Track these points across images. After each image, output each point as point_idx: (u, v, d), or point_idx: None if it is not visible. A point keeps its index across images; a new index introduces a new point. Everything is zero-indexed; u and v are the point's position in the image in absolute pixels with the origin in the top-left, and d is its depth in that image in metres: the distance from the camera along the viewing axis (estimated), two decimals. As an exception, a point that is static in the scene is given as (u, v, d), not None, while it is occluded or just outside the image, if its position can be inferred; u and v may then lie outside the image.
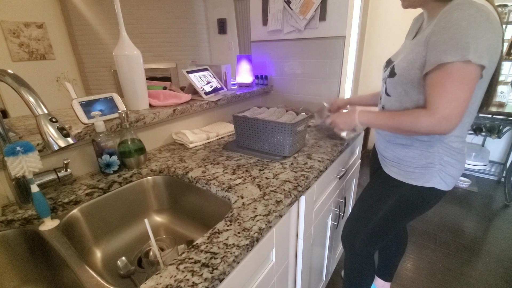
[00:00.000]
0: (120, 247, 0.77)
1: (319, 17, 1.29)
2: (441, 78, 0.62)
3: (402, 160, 0.82)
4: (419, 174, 0.79)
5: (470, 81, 0.60)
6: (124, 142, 0.82)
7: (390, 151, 0.85)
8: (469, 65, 0.59)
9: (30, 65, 2.97)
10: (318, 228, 0.97)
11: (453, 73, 0.60)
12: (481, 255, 1.63)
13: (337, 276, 1.49)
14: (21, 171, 0.56)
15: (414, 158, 0.79)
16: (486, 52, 0.59)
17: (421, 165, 0.78)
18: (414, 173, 0.80)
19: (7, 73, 0.54)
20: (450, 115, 0.62)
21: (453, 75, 0.61)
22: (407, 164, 0.81)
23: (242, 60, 1.50)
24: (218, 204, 0.75)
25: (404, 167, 0.82)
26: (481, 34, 0.57)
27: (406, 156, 0.80)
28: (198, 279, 0.44)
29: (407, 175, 0.81)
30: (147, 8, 3.32)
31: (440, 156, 0.76)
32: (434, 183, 0.78)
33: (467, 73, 0.60)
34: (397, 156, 0.83)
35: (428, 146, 0.76)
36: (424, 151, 0.77)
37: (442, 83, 0.62)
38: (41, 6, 2.96)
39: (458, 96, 0.61)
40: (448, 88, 0.61)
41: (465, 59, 0.58)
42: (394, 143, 0.83)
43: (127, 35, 0.94)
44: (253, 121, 0.91)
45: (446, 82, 0.61)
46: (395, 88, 0.77)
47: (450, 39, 0.59)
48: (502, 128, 2.23)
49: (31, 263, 0.65)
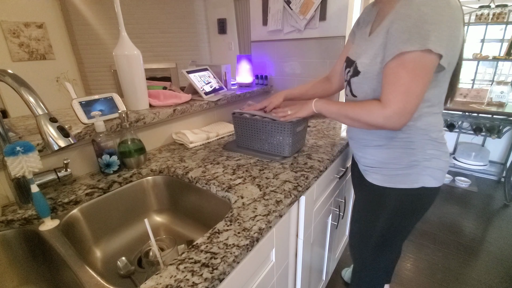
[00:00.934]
0: (120, 247, 0.77)
1: (319, 17, 1.29)
2: (397, 69, 0.59)
3: (384, 163, 0.77)
4: (405, 175, 0.74)
5: (426, 73, 0.57)
6: (124, 142, 0.82)
7: (370, 156, 0.80)
8: (428, 54, 0.56)
9: (30, 65, 2.97)
10: (318, 228, 0.97)
11: (410, 63, 0.57)
12: (480, 255, 1.63)
13: (337, 276, 1.49)
14: (21, 171, 0.56)
15: (396, 159, 0.74)
16: (448, 40, 0.56)
17: (404, 165, 0.74)
18: (398, 175, 0.75)
19: (7, 73, 0.54)
20: (402, 110, 0.59)
21: (409, 66, 0.57)
22: (390, 167, 0.76)
23: (242, 60, 1.50)
24: (218, 204, 0.75)
25: (387, 171, 0.77)
26: (444, 20, 0.55)
27: (387, 158, 0.76)
28: (198, 279, 0.44)
29: (392, 179, 0.76)
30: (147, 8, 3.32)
31: (423, 151, 0.72)
32: (423, 182, 0.74)
33: (425, 63, 0.57)
34: (378, 160, 0.78)
35: (408, 142, 0.72)
36: (406, 149, 0.73)
37: (397, 74, 0.59)
38: (41, 6, 2.96)
39: (413, 89, 0.58)
40: (403, 80, 0.58)
41: (425, 48, 0.55)
42: (372, 146, 0.78)
43: (127, 35, 0.94)
44: (252, 121, 0.91)
45: (402, 73, 0.58)
46: (361, 88, 0.73)
47: (411, 26, 0.56)
48: (502, 128, 2.23)
49: (31, 263, 0.65)
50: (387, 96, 0.61)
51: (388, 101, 0.61)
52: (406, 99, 0.59)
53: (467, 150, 2.58)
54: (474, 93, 2.34)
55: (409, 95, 0.58)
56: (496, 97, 2.28)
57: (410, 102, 0.59)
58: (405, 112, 0.60)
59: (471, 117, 2.36)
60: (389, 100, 0.60)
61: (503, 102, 2.23)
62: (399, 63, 0.59)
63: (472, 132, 2.42)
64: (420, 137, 0.71)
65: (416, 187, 0.75)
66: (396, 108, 0.60)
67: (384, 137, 0.75)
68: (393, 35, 0.60)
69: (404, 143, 0.73)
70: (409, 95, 0.58)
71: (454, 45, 0.60)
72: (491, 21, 2.37)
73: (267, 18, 1.45)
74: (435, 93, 0.68)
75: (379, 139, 0.76)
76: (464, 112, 2.32)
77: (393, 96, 0.60)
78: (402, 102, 0.59)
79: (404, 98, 0.59)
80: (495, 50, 2.50)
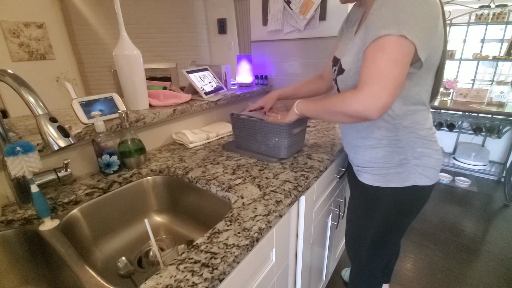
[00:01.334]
0: (120, 247, 0.77)
1: (319, 17, 1.29)
2: (373, 52, 0.57)
3: (374, 163, 0.77)
4: (395, 174, 0.75)
5: (403, 57, 0.56)
6: (124, 142, 0.82)
7: (361, 156, 0.80)
8: (404, 40, 0.55)
9: (30, 65, 2.97)
10: (318, 228, 0.97)
11: (387, 46, 0.56)
12: (481, 255, 1.63)
13: (337, 276, 1.49)
14: (21, 171, 0.56)
15: (386, 158, 0.74)
16: (423, 33, 0.56)
17: (395, 164, 0.74)
18: (389, 174, 0.75)
19: (7, 73, 0.54)
20: (377, 93, 0.56)
21: (386, 48, 0.56)
22: (380, 166, 0.76)
23: (242, 60, 1.50)
24: (218, 204, 0.75)
25: (378, 171, 0.77)
26: (419, 13, 0.55)
27: (376, 157, 0.76)
28: (198, 279, 0.44)
29: (382, 178, 0.76)
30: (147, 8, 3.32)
31: (412, 149, 0.72)
32: (414, 180, 0.74)
33: (401, 47, 0.55)
34: (368, 160, 0.78)
35: (395, 141, 0.72)
36: (394, 147, 0.73)
37: (374, 57, 0.57)
38: (41, 6, 2.96)
39: (388, 71, 0.55)
40: (379, 61, 0.56)
41: (401, 33, 0.54)
42: (362, 146, 0.78)
43: (127, 35, 0.94)
44: (249, 122, 0.91)
45: (378, 55, 0.56)
46: (346, 86, 0.73)
47: (387, 13, 0.56)
48: (502, 128, 2.23)
49: (31, 263, 0.65)
50: (362, 79, 0.59)
51: (362, 84, 0.58)
52: (382, 81, 0.56)
53: (467, 150, 2.58)
54: (474, 93, 2.34)
55: (384, 76, 0.56)
56: (496, 97, 2.28)
57: (386, 84, 0.55)
58: (381, 95, 0.56)
59: (471, 117, 2.36)
60: (363, 83, 0.58)
61: (503, 102, 2.23)
62: (375, 47, 0.57)
63: (472, 132, 2.42)
64: (408, 136, 0.71)
65: (407, 185, 0.75)
66: (370, 90, 0.57)
67: (373, 137, 0.75)
68: (371, 25, 0.59)
69: (392, 142, 0.73)
70: (384, 76, 0.56)
71: (430, 39, 0.59)
72: (491, 21, 2.37)
73: (267, 18, 1.45)
74: (419, 91, 0.69)
75: (368, 139, 0.76)
76: (464, 112, 2.32)
77: (367, 78, 0.57)
78: (377, 84, 0.56)
79: (379, 80, 0.56)
80: (495, 50, 2.50)
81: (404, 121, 0.71)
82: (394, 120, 0.71)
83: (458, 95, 2.40)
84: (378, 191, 0.79)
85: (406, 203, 0.79)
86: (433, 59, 0.65)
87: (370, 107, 0.57)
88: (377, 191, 0.79)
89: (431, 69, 0.67)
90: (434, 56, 0.64)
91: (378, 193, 0.79)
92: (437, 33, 0.61)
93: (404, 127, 0.71)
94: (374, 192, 0.80)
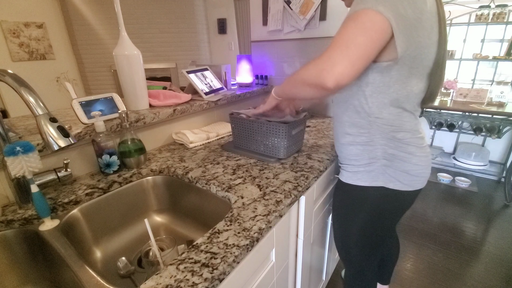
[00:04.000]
0: (120, 247, 0.77)
1: (319, 17, 1.29)
2: (346, 22, 0.57)
3: (349, 160, 0.78)
4: (365, 173, 0.75)
5: (374, 29, 0.54)
6: (124, 142, 0.82)
7: (340, 153, 0.82)
8: (377, 14, 0.54)
9: (30, 65, 2.97)
10: (318, 228, 0.97)
11: (359, 15, 0.55)
12: (481, 255, 1.63)
13: (337, 276, 1.49)
14: (21, 171, 0.56)
15: (358, 156, 0.75)
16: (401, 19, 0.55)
17: (365, 162, 0.74)
18: (359, 172, 0.76)
19: (7, 73, 0.54)
20: (337, 57, 0.54)
21: (357, 18, 0.55)
22: (353, 163, 0.77)
23: (242, 60, 1.50)
24: (218, 204, 0.75)
25: (351, 167, 0.78)
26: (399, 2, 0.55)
27: (351, 154, 0.77)
28: (198, 279, 0.44)
29: (354, 176, 0.77)
30: (147, 8, 3.32)
31: (383, 149, 0.71)
32: (383, 181, 0.73)
33: (373, 20, 0.54)
34: (345, 157, 0.80)
35: (368, 139, 0.72)
36: (366, 146, 0.73)
37: (344, 25, 0.57)
38: (41, 6, 2.96)
39: (353, 37, 0.54)
40: (347, 29, 0.55)
41: (376, 8, 0.54)
42: (340, 143, 0.80)
43: (127, 35, 0.94)
44: (248, 122, 0.91)
45: (348, 23, 0.56)
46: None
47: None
48: (502, 128, 2.22)
49: (31, 263, 0.65)
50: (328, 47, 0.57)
51: (327, 49, 0.56)
52: (344, 47, 0.54)
53: (467, 150, 2.57)
54: (474, 93, 2.34)
55: (348, 43, 0.54)
56: (496, 97, 2.28)
57: (348, 51, 0.54)
58: (340, 60, 0.54)
59: (471, 117, 2.35)
60: (328, 48, 0.56)
61: (503, 102, 2.23)
62: (348, 18, 0.57)
63: (472, 132, 2.42)
64: (380, 135, 0.70)
65: (376, 185, 0.74)
66: (330, 54, 0.55)
67: (349, 133, 0.75)
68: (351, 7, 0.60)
69: (365, 140, 0.73)
70: (348, 43, 0.54)
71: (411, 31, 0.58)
72: (491, 21, 2.37)
73: (267, 18, 1.45)
74: (398, 90, 0.66)
75: (346, 135, 0.76)
76: (464, 112, 2.32)
77: (331, 45, 0.56)
78: (339, 48, 0.54)
79: (342, 46, 0.54)
80: (495, 50, 2.50)
81: (379, 120, 0.69)
82: (368, 117, 0.70)
83: (458, 95, 2.40)
84: (354, 190, 0.79)
85: (380, 204, 0.77)
86: (420, 58, 0.63)
87: (326, 72, 0.55)
88: (351, 189, 0.79)
89: (415, 68, 0.64)
90: (420, 54, 0.62)
91: (355, 192, 0.79)
92: (421, 29, 0.59)
93: (378, 125, 0.70)
94: (349, 191, 0.80)
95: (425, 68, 0.66)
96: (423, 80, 0.68)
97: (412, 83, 0.66)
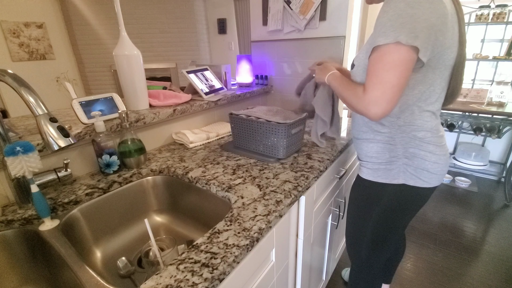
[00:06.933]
0: (120, 247, 0.77)
1: (319, 17, 1.29)
2: (374, 61, 0.62)
3: (369, 157, 0.80)
4: (385, 170, 0.77)
5: (401, 65, 0.59)
6: (124, 142, 0.82)
7: (360, 150, 0.84)
8: (401, 47, 0.58)
9: (30, 65, 2.97)
10: (318, 228, 0.97)
11: (384, 55, 0.60)
12: (481, 255, 1.63)
13: (337, 276, 1.49)
14: (21, 171, 0.56)
15: (378, 153, 0.77)
16: (425, 33, 0.58)
17: (385, 160, 0.77)
18: (380, 169, 0.78)
19: (7, 73, 0.54)
20: (378, 99, 0.61)
21: (383, 58, 0.60)
22: (373, 160, 0.79)
23: (242, 60, 1.50)
24: (218, 204, 0.75)
25: (371, 165, 0.80)
26: (419, 13, 0.57)
27: (371, 151, 0.79)
28: (198, 279, 0.44)
29: (374, 173, 0.79)
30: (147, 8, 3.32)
31: (404, 148, 0.74)
32: (404, 179, 0.76)
33: (398, 55, 0.59)
34: (365, 154, 0.81)
35: (389, 138, 0.75)
36: (387, 144, 0.75)
37: (374, 66, 0.62)
38: (41, 6, 2.96)
39: (387, 80, 0.60)
40: (378, 71, 0.61)
41: (396, 41, 0.57)
42: (360, 139, 0.82)
43: (127, 35, 0.94)
44: (247, 121, 0.91)
45: (377, 65, 0.61)
46: (355, 79, 0.76)
47: (387, 21, 0.59)
48: (502, 128, 2.23)
49: (31, 263, 0.65)
50: (366, 84, 0.64)
51: (367, 89, 0.63)
52: (382, 89, 0.61)
53: (467, 150, 2.57)
54: (474, 93, 2.34)
55: (384, 85, 0.60)
56: (496, 97, 2.28)
57: (386, 92, 0.61)
58: (381, 101, 0.61)
59: (471, 117, 2.36)
60: (368, 88, 0.63)
61: (503, 102, 2.23)
62: (376, 56, 0.62)
63: (472, 132, 2.42)
64: (401, 135, 0.73)
65: (397, 183, 0.77)
66: (372, 96, 0.62)
67: (370, 131, 0.78)
68: (374, 30, 0.64)
69: (386, 138, 0.75)
70: (384, 85, 0.60)
71: (436, 37, 0.61)
72: (491, 21, 2.37)
73: (267, 18, 1.45)
74: (423, 91, 0.68)
75: (365, 132, 0.79)
76: (464, 112, 2.32)
77: (370, 85, 0.63)
78: (379, 90, 0.61)
79: (380, 87, 0.61)
80: (495, 50, 2.50)
81: (400, 120, 0.72)
82: (390, 117, 0.73)
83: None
84: (372, 185, 0.81)
85: (399, 201, 0.80)
86: (443, 58, 0.65)
87: (373, 112, 0.63)
88: (371, 185, 0.81)
89: (439, 69, 0.66)
90: (443, 55, 0.64)
91: (371, 187, 0.81)
92: (446, 31, 0.62)
93: (399, 125, 0.73)
94: (367, 186, 0.82)
95: (447, 68, 0.68)
96: (445, 80, 0.70)
97: (435, 84, 0.69)
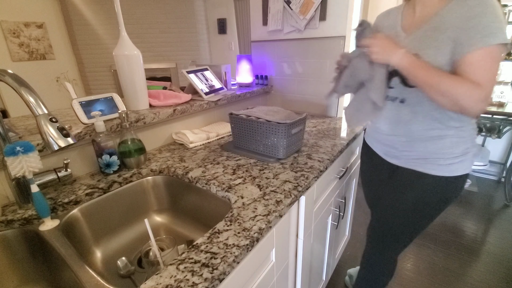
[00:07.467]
0: (120, 247, 0.77)
1: (319, 17, 1.29)
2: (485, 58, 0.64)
3: (435, 153, 0.79)
4: (460, 163, 0.79)
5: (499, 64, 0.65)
6: (124, 142, 0.82)
7: (422, 148, 0.81)
8: (501, 47, 0.63)
9: (30, 65, 2.98)
10: (318, 228, 0.97)
11: (496, 54, 0.64)
12: (481, 255, 1.63)
13: (337, 276, 1.49)
14: (21, 171, 0.56)
15: (451, 148, 0.78)
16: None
17: (459, 153, 0.78)
18: (453, 164, 0.79)
19: (7, 73, 0.54)
20: (489, 95, 0.64)
21: (495, 57, 0.64)
22: (442, 156, 0.79)
23: (242, 60, 1.50)
24: (218, 204, 0.75)
25: (443, 161, 0.79)
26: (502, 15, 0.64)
27: (444, 147, 0.78)
28: (198, 279, 0.44)
29: (448, 168, 0.79)
30: (147, 8, 3.32)
31: (472, 139, 0.79)
32: (469, 168, 0.80)
33: (501, 55, 0.64)
34: (430, 151, 0.80)
35: (461, 131, 0.77)
36: (461, 138, 0.78)
37: (486, 63, 0.65)
38: (41, 6, 2.96)
39: (494, 78, 0.65)
40: (491, 69, 0.64)
41: (503, 42, 0.63)
42: (426, 136, 0.80)
43: (127, 35, 0.94)
44: (247, 121, 0.91)
45: (490, 63, 0.64)
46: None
47: (491, 22, 0.63)
48: (502, 128, 2.22)
49: (31, 263, 0.65)
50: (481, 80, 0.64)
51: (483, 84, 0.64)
52: (492, 86, 0.65)
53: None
54: (474, 93, 2.34)
55: (493, 83, 0.65)
56: (496, 97, 2.28)
57: (492, 89, 0.65)
58: (489, 98, 0.65)
59: (471, 117, 2.35)
60: (483, 83, 0.64)
61: (503, 102, 2.22)
62: (487, 54, 0.64)
63: (472, 132, 2.42)
64: (471, 126, 0.79)
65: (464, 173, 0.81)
66: (488, 92, 0.64)
67: (444, 127, 0.78)
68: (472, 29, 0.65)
69: (459, 132, 0.78)
70: (493, 83, 0.65)
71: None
72: (491, 21, 2.37)
73: (267, 18, 1.45)
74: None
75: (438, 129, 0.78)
76: (464, 112, 2.32)
77: (485, 81, 0.64)
78: (490, 88, 0.64)
79: (491, 84, 0.65)
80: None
81: None
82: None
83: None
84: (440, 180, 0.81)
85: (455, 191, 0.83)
86: None
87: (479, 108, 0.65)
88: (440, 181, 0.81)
89: None
90: None
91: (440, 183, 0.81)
92: None
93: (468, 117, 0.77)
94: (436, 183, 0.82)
95: None
96: None
97: None
